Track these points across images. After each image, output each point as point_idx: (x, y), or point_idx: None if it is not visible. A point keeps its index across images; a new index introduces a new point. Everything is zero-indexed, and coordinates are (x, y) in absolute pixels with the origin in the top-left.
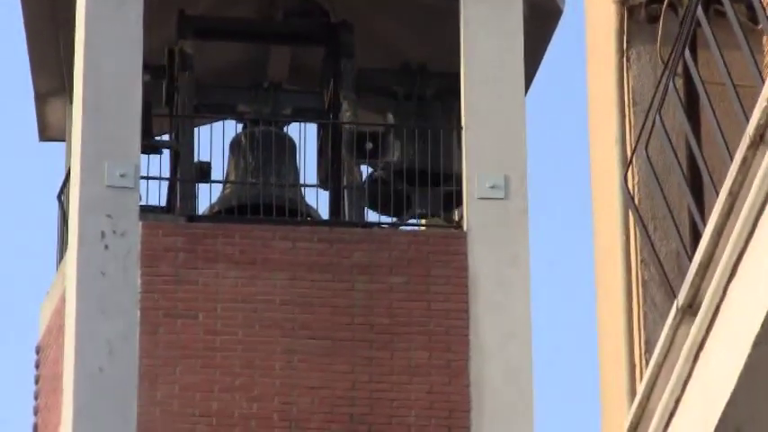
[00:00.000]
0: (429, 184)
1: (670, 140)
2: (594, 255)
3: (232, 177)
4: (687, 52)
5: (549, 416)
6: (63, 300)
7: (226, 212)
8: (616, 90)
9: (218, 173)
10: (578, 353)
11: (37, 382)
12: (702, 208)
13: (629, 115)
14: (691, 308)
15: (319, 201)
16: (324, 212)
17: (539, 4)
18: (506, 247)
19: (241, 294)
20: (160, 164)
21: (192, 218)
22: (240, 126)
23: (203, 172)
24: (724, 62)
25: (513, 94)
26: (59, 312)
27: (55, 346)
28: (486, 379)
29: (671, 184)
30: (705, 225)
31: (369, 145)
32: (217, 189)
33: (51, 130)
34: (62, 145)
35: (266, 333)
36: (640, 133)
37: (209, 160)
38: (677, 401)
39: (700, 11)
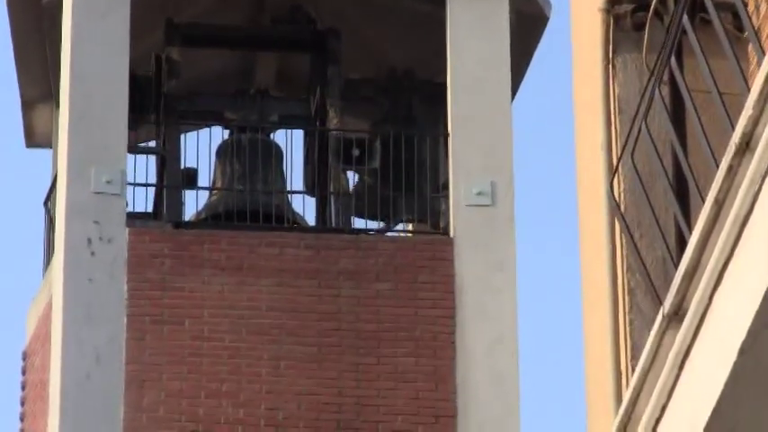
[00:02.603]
0: (415, 191)
1: (656, 148)
2: (581, 262)
3: (219, 184)
4: (673, 60)
5: (535, 422)
6: (50, 306)
7: (212, 219)
8: (602, 98)
9: (204, 179)
10: (565, 359)
11: (23, 388)
12: (688, 215)
13: (615, 123)
14: (677, 315)
15: (306, 207)
16: (310, 219)
17: (525, 12)
18: (493, 254)
19: (228, 301)
20: (146, 170)
21: (179, 224)
22: (227, 133)
23: (190, 178)
24: (710, 70)
25: (500, 101)
26: (46, 319)
27: (41, 352)
28: (472, 385)
29: (657, 192)
30: (691, 233)
31: (355, 152)
32: (203, 195)
33: (38, 137)
34: (49, 151)
35: (253, 339)
36: (626, 141)
37: (195, 167)
38: (663, 408)
39: (685, 19)
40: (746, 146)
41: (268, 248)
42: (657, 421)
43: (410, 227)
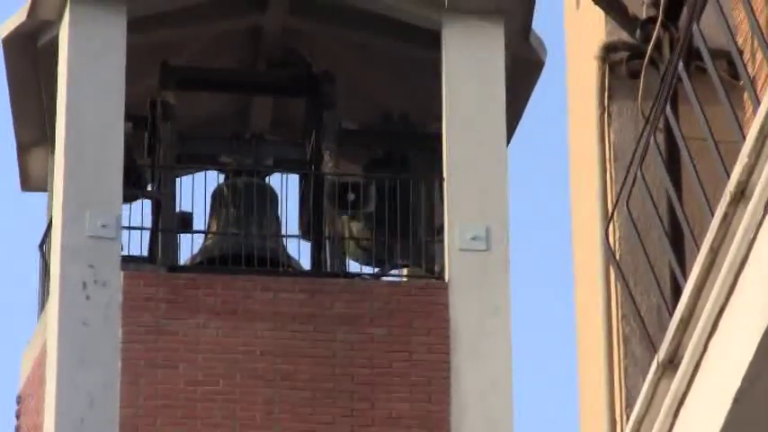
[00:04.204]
0: (410, 235)
1: (651, 196)
2: (576, 309)
3: (214, 228)
4: (668, 108)
5: None
6: (44, 349)
7: (207, 263)
8: (597, 145)
9: (199, 223)
10: (559, 405)
11: None
12: (683, 263)
13: (611, 170)
14: (671, 363)
15: (301, 251)
16: (305, 263)
17: (520, 56)
18: (488, 299)
19: (222, 345)
20: (142, 214)
21: (174, 268)
22: (222, 177)
23: (185, 222)
24: (705, 118)
25: (495, 146)
26: (41, 362)
27: (36, 395)
28: (466, 430)
29: (652, 240)
30: (686, 280)
31: (350, 196)
32: (198, 239)
33: (33, 181)
34: (44, 195)
35: (247, 384)
36: (621, 188)
37: (190, 210)
38: None
39: (681, 67)
40: (741, 194)
41: (263, 293)
42: None
43: (405, 271)
